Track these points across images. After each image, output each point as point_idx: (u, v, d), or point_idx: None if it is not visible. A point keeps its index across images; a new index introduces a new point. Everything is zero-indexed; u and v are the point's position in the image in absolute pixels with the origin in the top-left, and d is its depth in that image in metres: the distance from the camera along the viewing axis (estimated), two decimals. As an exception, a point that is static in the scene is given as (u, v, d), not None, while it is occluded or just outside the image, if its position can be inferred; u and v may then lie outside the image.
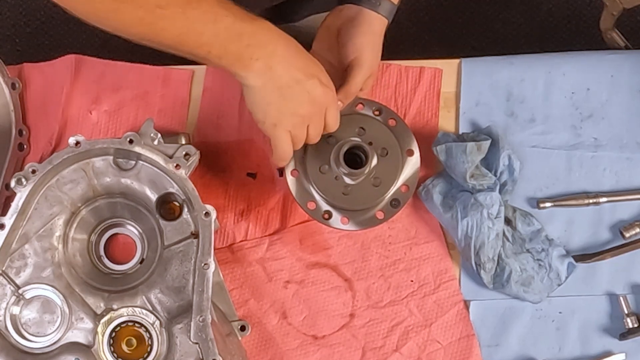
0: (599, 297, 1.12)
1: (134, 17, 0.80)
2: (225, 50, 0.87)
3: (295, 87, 0.92)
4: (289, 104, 0.93)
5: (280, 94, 0.92)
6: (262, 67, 0.89)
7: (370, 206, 1.05)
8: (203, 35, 0.85)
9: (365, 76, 1.05)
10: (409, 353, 1.11)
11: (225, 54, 0.88)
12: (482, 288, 1.11)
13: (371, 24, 1.05)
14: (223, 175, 1.15)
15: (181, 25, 0.84)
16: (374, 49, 1.06)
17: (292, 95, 0.92)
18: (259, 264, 1.12)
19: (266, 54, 0.89)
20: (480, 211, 1.06)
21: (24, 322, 0.99)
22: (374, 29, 1.05)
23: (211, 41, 0.86)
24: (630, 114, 1.17)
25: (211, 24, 0.85)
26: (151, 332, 0.98)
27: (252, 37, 0.88)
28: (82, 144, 0.99)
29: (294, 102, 0.93)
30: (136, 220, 1.06)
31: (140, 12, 0.80)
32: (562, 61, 1.18)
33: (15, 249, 0.99)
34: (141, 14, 0.80)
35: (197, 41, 0.86)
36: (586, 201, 1.13)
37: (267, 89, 0.91)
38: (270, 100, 0.92)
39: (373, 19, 1.05)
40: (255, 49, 0.88)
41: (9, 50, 2.07)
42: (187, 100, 1.17)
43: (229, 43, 0.87)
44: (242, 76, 0.90)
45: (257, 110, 0.93)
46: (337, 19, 1.07)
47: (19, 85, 1.14)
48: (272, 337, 1.11)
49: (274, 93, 0.91)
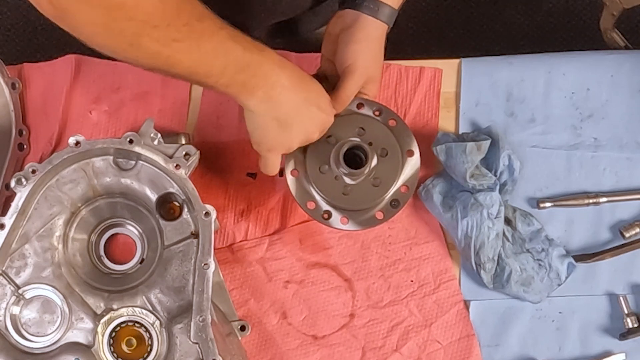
0: (599, 297, 1.12)
1: (152, 51, 0.82)
2: (233, 80, 0.90)
3: (295, 118, 0.96)
4: (287, 135, 0.97)
5: (279, 124, 0.95)
6: (264, 96, 0.92)
7: (370, 206, 1.05)
8: (214, 67, 0.87)
9: (358, 83, 1.04)
10: (409, 353, 1.11)
11: (232, 84, 0.90)
12: (482, 288, 1.11)
13: (368, 30, 1.04)
14: (223, 175, 1.15)
15: (195, 57, 0.85)
16: (370, 55, 1.05)
17: (291, 127, 0.97)
18: (259, 264, 1.12)
19: (269, 85, 0.92)
20: (480, 211, 1.06)
21: (24, 322, 0.99)
22: (371, 35, 1.04)
23: (220, 72, 0.88)
24: (630, 114, 1.17)
25: (222, 56, 0.87)
26: (151, 332, 0.98)
27: (258, 68, 0.90)
28: (82, 144, 0.99)
29: (291, 134, 0.98)
30: (136, 220, 1.06)
31: (157, 46, 0.81)
32: (562, 61, 1.18)
33: (15, 249, 0.99)
34: (158, 48, 0.81)
35: (208, 72, 0.88)
36: (586, 201, 1.13)
37: (267, 117, 0.94)
38: (269, 129, 0.96)
39: (370, 25, 1.04)
40: (260, 79, 0.91)
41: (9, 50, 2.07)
42: (187, 100, 1.17)
43: (237, 74, 0.89)
44: (245, 103, 0.93)
45: (255, 134, 0.97)
46: (336, 25, 1.07)
47: (19, 85, 1.14)
48: (272, 337, 1.11)
49: (273, 122, 0.95)
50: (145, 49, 0.81)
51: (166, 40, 0.81)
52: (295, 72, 0.96)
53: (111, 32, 0.78)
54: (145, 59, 0.83)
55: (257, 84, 0.91)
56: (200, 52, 0.85)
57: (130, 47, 0.81)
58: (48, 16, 0.77)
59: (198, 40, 0.84)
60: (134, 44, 0.80)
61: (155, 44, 0.81)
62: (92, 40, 0.81)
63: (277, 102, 0.93)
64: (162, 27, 0.80)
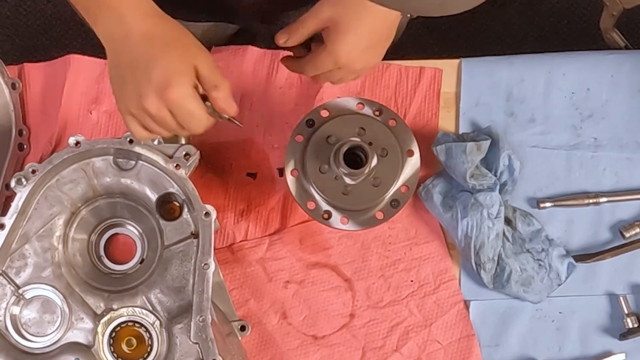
0: (599, 297, 1.12)
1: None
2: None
3: (130, 75, 0.84)
4: (121, 93, 0.87)
5: (118, 75, 0.86)
6: (105, 33, 0.85)
7: (370, 206, 1.05)
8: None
9: (329, 56, 0.91)
10: (409, 353, 1.11)
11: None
12: (482, 288, 1.11)
13: (374, 8, 0.85)
14: (223, 175, 1.15)
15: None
16: (362, 35, 0.91)
17: (125, 86, 0.85)
18: (259, 264, 1.12)
19: (112, 22, 0.84)
20: (480, 211, 1.06)
21: (24, 322, 0.99)
22: (377, 14, 0.91)
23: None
24: (630, 114, 1.17)
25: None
26: (151, 332, 0.98)
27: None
28: (82, 144, 0.99)
29: (124, 94, 0.86)
30: (136, 220, 1.06)
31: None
32: (562, 61, 1.18)
33: (15, 249, 0.99)
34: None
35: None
36: (586, 201, 1.13)
37: (110, 61, 0.86)
38: (111, 78, 0.87)
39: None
40: (104, 11, 0.84)
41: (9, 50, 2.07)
42: (187, 100, 1.17)
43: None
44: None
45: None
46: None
47: (19, 85, 1.14)
48: (272, 337, 1.11)
49: (113, 71, 0.87)
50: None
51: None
52: (159, 26, 0.84)
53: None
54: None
55: (98, 14, 0.84)
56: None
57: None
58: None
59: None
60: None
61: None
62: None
63: (112, 49, 0.84)
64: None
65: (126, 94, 0.84)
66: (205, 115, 0.86)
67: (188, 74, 0.83)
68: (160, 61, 0.81)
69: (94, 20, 0.85)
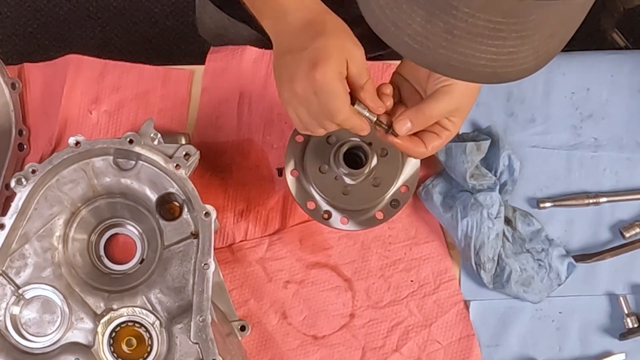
0: (599, 297, 1.12)
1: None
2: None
3: (280, 69, 0.86)
4: (278, 85, 0.87)
5: (276, 66, 0.87)
6: (270, 26, 0.87)
7: (370, 206, 1.05)
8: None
9: (449, 107, 0.86)
10: (409, 353, 1.11)
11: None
12: (482, 288, 1.11)
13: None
14: (223, 175, 1.15)
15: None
16: (471, 85, 0.87)
17: (279, 79, 0.87)
18: (259, 264, 1.12)
19: (275, 16, 0.86)
20: (480, 211, 1.06)
21: (24, 322, 0.99)
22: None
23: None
24: (630, 114, 1.17)
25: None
26: (151, 332, 0.98)
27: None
28: (82, 144, 0.99)
29: (280, 87, 0.87)
30: (136, 220, 1.06)
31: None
32: (562, 61, 1.18)
33: (15, 249, 0.99)
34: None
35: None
36: (586, 201, 1.13)
37: (275, 53, 0.87)
38: (274, 69, 0.88)
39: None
40: (268, 7, 0.86)
41: (9, 50, 2.08)
42: (187, 100, 1.17)
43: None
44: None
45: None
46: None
47: (19, 85, 1.14)
48: (272, 337, 1.11)
49: (275, 62, 0.87)
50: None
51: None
52: (319, 15, 0.84)
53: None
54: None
55: (263, 9, 0.87)
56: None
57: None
58: None
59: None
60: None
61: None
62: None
63: (275, 40, 0.85)
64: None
65: (283, 81, 0.84)
66: (348, 102, 0.84)
67: (337, 61, 0.81)
68: (314, 44, 0.81)
69: (259, 14, 0.88)
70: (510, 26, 0.62)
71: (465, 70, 0.65)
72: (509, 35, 0.63)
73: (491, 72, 0.66)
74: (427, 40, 0.64)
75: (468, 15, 0.61)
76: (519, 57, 0.65)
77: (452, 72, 0.66)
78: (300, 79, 0.82)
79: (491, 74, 0.66)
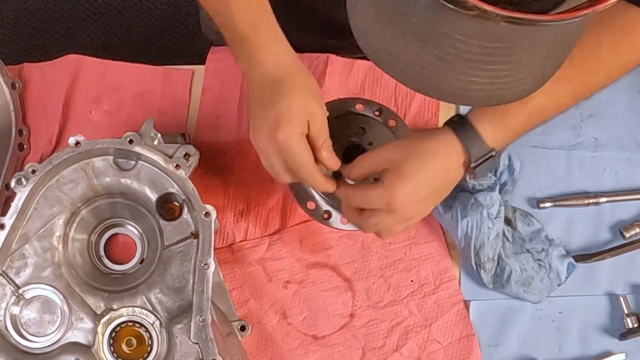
0: (599, 297, 1.12)
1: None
2: (229, 35, 0.92)
3: (253, 113, 0.93)
4: (251, 125, 0.94)
5: (251, 108, 0.94)
6: (247, 69, 0.93)
7: (370, 206, 1.05)
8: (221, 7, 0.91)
9: (390, 156, 0.91)
10: (409, 353, 1.11)
11: (229, 38, 0.92)
12: (482, 288, 1.11)
13: (439, 142, 0.90)
14: (223, 175, 1.15)
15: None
16: (423, 164, 0.89)
17: (252, 120, 0.94)
18: (259, 264, 1.12)
19: (252, 65, 0.92)
20: (480, 211, 1.06)
21: (24, 322, 0.99)
22: (440, 148, 0.90)
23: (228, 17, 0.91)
24: (630, 114, 1.17)
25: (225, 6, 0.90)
26: (151, 332, 0.98)
27: (252, 42, 0.90)
28: (82, 144, 0.99)
29: (252, 128, 0.94)
30: (136, 220, 1.06)
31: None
32: (562, 61, 1.18)
33: (15, 249, 0.99)
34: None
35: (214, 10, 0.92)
36: (586, 201, 1.13)
37: (250, 93, 0.94)
38: (249, 112, 0.95)
39: (445, 139, 0.89)
40: (245, 53, 0.91)
41: (9, 50, 2.08)
42: (187, 100, 1.17)
43: (232, 33, 0.91)
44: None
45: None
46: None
47: (19, 85, 1.14)
48: (272, 337, 1.11)
49: (250, 104, 0.94)
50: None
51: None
52: (290, 72, 0.90)
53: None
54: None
55: (239, 52, 0.92)
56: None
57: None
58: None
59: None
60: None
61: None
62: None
63: (248, 82, 0.92)
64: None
65: (252, 126, 0.92)
66: (312, 160, 0.90)
67: (299, 123, 0.88)
68: (279, 104, 0.88)
69: (235, 53, 0.94)
70: (502, 50, 0.62)
71: (462, 96, 0.66)
72: (502, 59, 0.63)
73: (487, 95, 0.67)
74: (422, 67, 0.64)
75: (460, 42, 0.62)
76: (515, 80, 0.66)
77: (448, 98, 0.67)
78: (263, 136, 0.89)
79: (488, 97, 0.67)
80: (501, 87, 0.66)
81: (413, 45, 0.64)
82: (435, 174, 0.90)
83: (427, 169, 0.89)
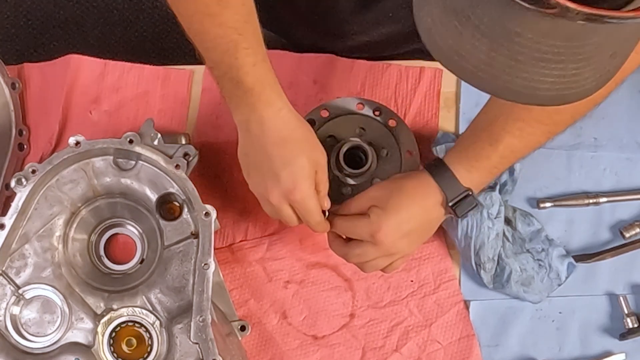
0: (599, 297, 1.12)
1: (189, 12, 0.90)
2: (223, 80, 0.92)
3: (253, 166, 0.96)
4: (249, 179, 0.98)
5: (246, 163, 0.97)
6: (242, 120, 0.93)
7: (370, 206, 1.05)
8: (212, 53, 0.91)
9: (374, 194, 0.97)
10: (409, 353, 1.11)
11: (222, 83, 0.93)
12: (482, 288, 1.11)
13: (418, 184, 0.97)
14: (223, 175, 1.15)
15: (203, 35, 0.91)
16: (404, 204, 0.96)
17: (249, 175, 0.97)
18: (259, 264, 1.12)
19: (248, 115, 0.92)
20: (480, 211, 1.06)
21: (24, 322, 0.99)
22: (418, 190, 0.97)
23: (216, 62, 0.91)
24: (630, 114, 1.17)
25: (221, 51, 0.90)
26: (151, 332, 0.98)
27: (249, 90, 0.91)
28: (82, 144, 0.99)
29: (250, 181, 0.97)
30: (136, 220, 1.06)
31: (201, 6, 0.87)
32: (562, 61, 1.17)
33: (15, 249, 0.99)
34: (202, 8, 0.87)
35: (207, 56, 0.92)
36: (586, 201, 1.13)
37: (242, 145, 0.96)
38: (242, 162, 0.98)
39: (423, 182, 0.97)
40: (242, 101, 0.92)
41: (9, 50, 2.07)
42: (187, 100, 1.17)
43: (228, 80, 0.91)
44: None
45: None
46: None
47: (19, 85, 1.14)
48: (272, 337, 1.11)
49: (244, 158, 0.97)
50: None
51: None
52: (294, 132, 0.93)
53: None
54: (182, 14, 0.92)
55: (238, 104, 0.92)
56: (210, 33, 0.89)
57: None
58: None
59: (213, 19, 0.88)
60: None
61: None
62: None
63: (245, 136, 0.94)
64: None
65: (253, 179, 0.96)
66: (320, 211, 0.96)
67: (311, 179, 0.93)
68: (292, 165, 0.92)
69: (234, 107, 0.94)
70: (573, 49, 0.62)
71: (529, 95, 0.66)
72: (572, 58, 0.63)
73: (554, 94, 0.66)
74: (491, 67, 0.64)
75: (532, 41, 0.61)
76: (581, 79, 0.65)
77: (515, 97, 0.67)
78: (276, 194, 0.93)
79: (554, 96, 0.67)
80: (567, 87, 0.66)
81: (483, 45, 0.63)
82: (415, 212, 0.96)
83: (407, 207, 0.95)
